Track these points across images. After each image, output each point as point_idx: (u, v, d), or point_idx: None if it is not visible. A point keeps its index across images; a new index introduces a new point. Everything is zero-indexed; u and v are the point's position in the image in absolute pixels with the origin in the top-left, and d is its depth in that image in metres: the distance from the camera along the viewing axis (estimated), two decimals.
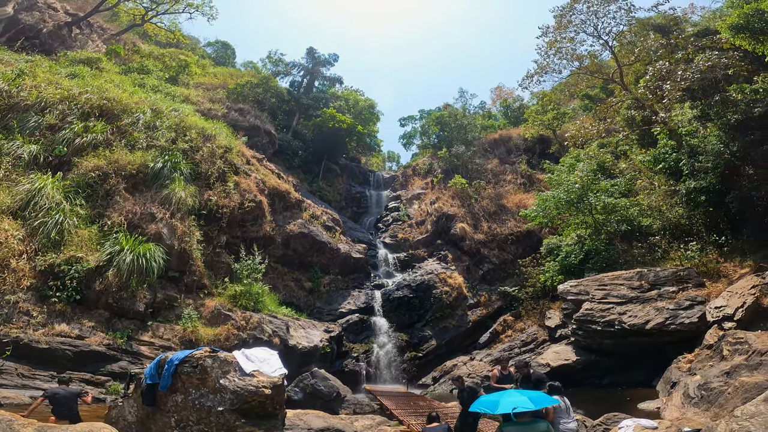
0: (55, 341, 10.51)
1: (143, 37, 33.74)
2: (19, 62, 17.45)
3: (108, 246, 12.54)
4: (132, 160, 15.14)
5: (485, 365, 17.94)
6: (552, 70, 25.41)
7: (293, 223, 20.84)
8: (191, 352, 9.42)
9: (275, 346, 13.98)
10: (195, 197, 16.25)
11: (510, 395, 6.48)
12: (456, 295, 21.00)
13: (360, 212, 30.84)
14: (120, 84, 20.09)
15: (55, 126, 14.85)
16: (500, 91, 51.44)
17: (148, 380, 9.05)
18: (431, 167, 31.83)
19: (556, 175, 21.32)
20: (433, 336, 20.09)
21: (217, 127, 20.61)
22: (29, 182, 12.19)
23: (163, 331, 12.93)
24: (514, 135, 33.22)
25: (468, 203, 25.17)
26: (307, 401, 12.84)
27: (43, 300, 10.89)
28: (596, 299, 14.57)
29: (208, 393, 8.77)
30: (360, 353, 18.94)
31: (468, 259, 23.17)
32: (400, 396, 15.06)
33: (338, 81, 38.11)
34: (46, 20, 24.92)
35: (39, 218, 11.60)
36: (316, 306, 20.54)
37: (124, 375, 10.68)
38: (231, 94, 29.10)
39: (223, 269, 17.23)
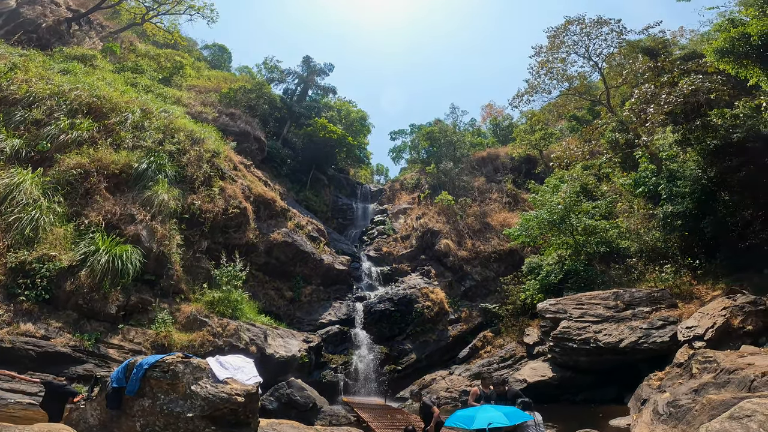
0: (19, 341, 10.19)
1: (141, 36, 33.71)
2: (13, 56, 17.30)
3: (83, 246, 12.27)
4: (116, 159, 14.97)
5: (464, 380, 17.90)
6: (542, 90, 26.11)
7: (277, 232, 20.72)
8: (163, 357, 9.23)
9: (252, 354, 13.76)
10: (178, 200, 16.06)
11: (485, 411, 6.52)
12: (437, 310, 21.04)
13: (346, 224, 30.86)
14: (112, 82, 19.97)
15: (41, 121, 14.64)
16: (491, 108, 52.57)
17: (115, 384, 8.82)
18: (419, 182, 32.14)
19: (540, 195, 21.71)
20: (413, 350, 20.02)
21: (206, 130, 20.55)
22: (8, 176, 11.95)
23: (134, 335, 12.59)
24: (502, 153, 33.83)
25: (453, 220, 25.43)
26: (282, 411, 12.65)
27: (10, 298, 10.58)
28: (574, 318, 14.77)
29: (177, 399, 8.60)
30: (339, 364, 18.75)
31: (451, 275, 23.31)
32: (378, 409, 14.91)
33: (332, 91, 38.50)
34: (47, 15, 24.76)
35: (15, 214, 11.35)
36: (297, 316, 20.31)
37: (89, 378, 10.31)
38: (224, 98, 29.11)
39: (202, 275, 16.94)
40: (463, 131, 39.92)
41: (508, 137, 38.03)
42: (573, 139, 25.45)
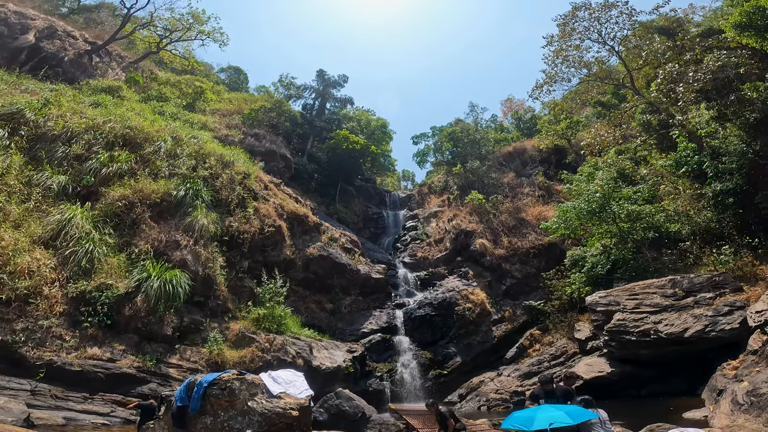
0: (87, 364, 10.67)
1: (159, 64, 35.07)
2: (44, 91, 18.02)
3: (136, 273, 12.79)
4: (156, 188, 15.49)
5: (514, 380, 17.41)
6: (561, 78, 25.49)
7: (313, 247, 20.94)
8: (219, 375, 9.48)
9: (299, 367, 13.97)
10: (217, 224, 16.49)
11: (545, 410, 6.23)
12: (479, 312, 20.62)
13: (378, 233, 30.88)
14: (141, 112, 20.69)
15: (82, 156, 15.26)
16: (510, 103, 51.57)
17: (179, 402, 9.15)
18: (447, 184, 31.79)
19: (575, 185, 21.01)
20: (458, 353, 19.68)
21: (234, 153, 21.07)
22: (59, 213, 12.53)
23: (191, 354, 13.01)
24: (529, 147, 33.05)
25: (486, 219, 24.96)
26: (332, 422, 12.72)
27: (75, 325, 11.10)
28: (628, 309, 14.10)
29: (236, 415, 8.82)
30: (384, 372, 18.68)
31: (489, 274, 22.83)
32: (427, 414, 14.71)
33: (349, 102, 38.83)
34: (66, 48, 25.71)
35: (70, 247, 11.89)
36: (338, 327, 20.40)
37: (154, 397, 10.72)
38: (246, 119, 29.80)
39: (246, 293, 17.32)
40: (485, 128, 39.38)
41: (532, 130, 37.15)
42: (602, 125, 24.68)
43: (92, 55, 27.23)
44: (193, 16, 30.97)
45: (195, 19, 31.11)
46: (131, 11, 28.95)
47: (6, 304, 10.11)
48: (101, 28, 33.28)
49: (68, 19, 31.48)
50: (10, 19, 24.09)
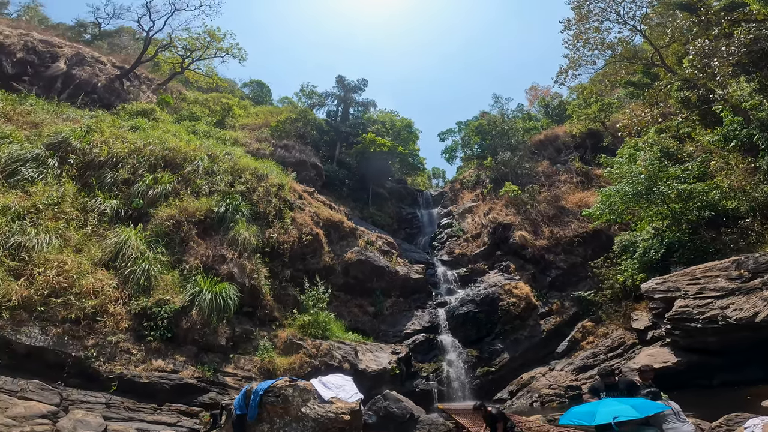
0: (154, 376, 11.18)
1: (186, 84, 36.32)
2: (84, 118, 18.79)
3: (189, 288, 13.31)
4: (198, 206, 16.00)
5: (567, 375, 16.80)
6: (585, 62, 24.65)
7: (350, 251, 21.08)
8: (273, 382, 9.72)
9: (346, 371, 14.12)
10: (257, 236, 16.88)
11: (607, 404, 5.94)
12: (524, 306, 20.06)
13: (413, 233, 30.72)
14: (176, 133, 21.44)
15: (129, 180, 15.94)
16: (535, 90, 50.29)
17: (238, 411, 9.46)
18: (479, 178, 31.25)
19: (616, 168, 20.11)
20: (505, 349, 19.21)
21: (267, 166, 21.51)
22: (115, 235, 13.19)
23: (244, 363, 13.38)
24: (561, 133, 31.99)
25: (524, 210, 24.30)
26: (381, 424, 12.78)
27: (140, 339, 11.67)
28: (690, 295, 13.29)
29: (291, 421, 9.00)
30: (430, 372, 18.53)
31: (532, 267, 22.19)
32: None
33: (372, 105, 38.92)
34: (97, 74, 26.49)
35: (128, 267, 12.52)
36: (382, 329, 20.42)
37: (214, 405, 11.17)
38: (274, 131, 30.42)
39: (290, 301, 17.67)
40: (512, 118, 38.50)
41: (562, 116, 35.99)
42: (637, 105, 23.64)
43: (122, 79, 28.17)
44: (209, 35, 31.93)
45: (212, 37, 32.04)
46: (151, 34, 29.95)
47: (76, 322, 10.73)
48: (126, 52, 34.74)
49: (93, 45, 32.85)
50: (38, 47, 24.87)
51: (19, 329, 9.85)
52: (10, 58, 23.00)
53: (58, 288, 10.74)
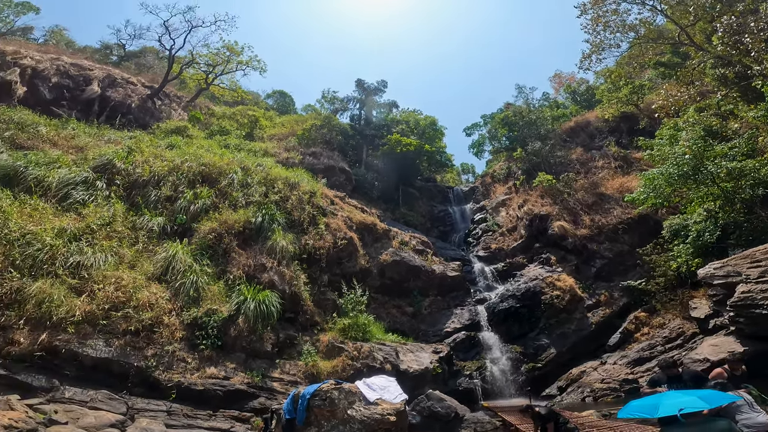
0: (208, 383, 11.53)
1: (212, 99, 37.43)
2: (124, 139, 19.67)
3: (234, 297, 13.69)
4: (237, 218, 16.43)
5: (622, 368, 16.06)
6: (608, 45, 23.91)
7: (385, 253, 21.09)
8: (319, 386, 9.82)
9: (387, 372, 14.10)
10: (294, 243, 17.19)
11: (670, 396, 5.63)
12: (569, 298, 19.38)
13: (446, 230, 30.38)
14: (209, 148, 22.16)
15: (171, 197, 16.63)
16: (559, 77, 48.87)
17: (287, 415, 9.62)
18: (510, 170, 30.60)
19: (657, 150, 19.16)
20: (551, 344, 18.62)
21: (297, 174, 21.89)
22: (164, 251, 13.78)
23: (289, 368, 13.60)
24: (592, 118, 30.88)
25: (560, 199, 23.53)
26: (425, 424, 12.65)
27: (193, 348, 12.09)
28: (752, 279, 12.42)
29: (338, 424, 9.08)
30: (473, 370, 18.22)
31: (574, 257, 21.40)
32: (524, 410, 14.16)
33: (394, 105, 38.82)
34: (130, 95, 27.32)
35: (178, 280, 13.05)
36: (421, 329, 20.28)
37: (264, 410, 11.36)
38: (301, 139, 30.92)
39: (329, 306, 17.86)
40: (539, 107, 37.55)
41: (591, 101, 34.90)
42: (671, 85, 22.64)
43: (153, 98, 29.17)
44: (228, 49, 32.87)
45: (231, 51, 32.96)
46: (173, 52, 31.11)
47: (136, 334, 11.25)
48: (152, 71, 36.04)
49: (121, 66, 34.16)
50: (71, 71, 25.61)
51: (85, 342, 10.41)
52: (46, 83, 23.87)
53: (117, 302, 11.29)
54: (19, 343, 9.54)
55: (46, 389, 9.60)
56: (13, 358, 9.46)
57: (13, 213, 11.52)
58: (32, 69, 23.36)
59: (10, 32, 34.14)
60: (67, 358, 10.10)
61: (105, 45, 39.04)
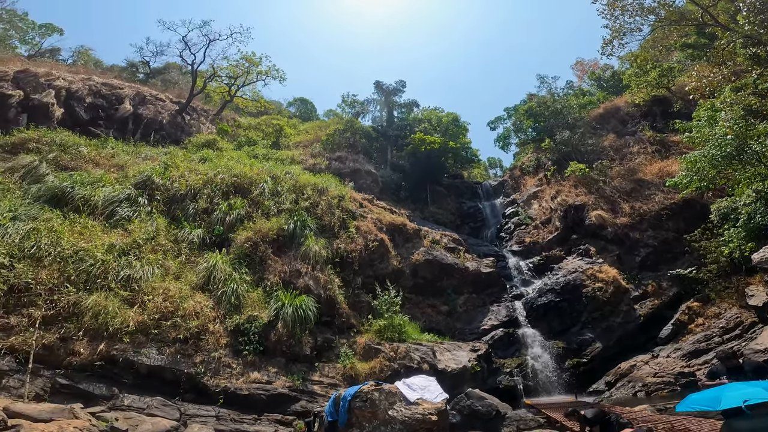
0: (252, 387, 11.78)
1: (237, 111, 38.31)
2: (159, 155, 20.40)
3: (272, 303, 13.95)
4: (270, 226, 16.76)
5: (676, 361, 15.29)
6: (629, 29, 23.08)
7: (417, 253, 20.98)
8: (360, 388, 9.84)
9: (425, 371, 13.97)
10: (326, 248, 17.33)
11: (734, 388, 5.33)
12: (613, 290, 18.64)
13: (477, 226, 29.99)
14: (239, 159, 22.69)
15: (208, 209, 17.12)
16: (582, 65, 47.58)
17: (329, 417, 9.69)
18: (539, 162, 29.90)
19: (696, 132, 18.32)
20: (596, 338, 17.95)
21: (325, 179, 22.11)
22: (205, 261, 14.23)
23: (328, 370, 13.71)
24: (621, 104, 29.85)
25: (596, 188, 22.73)
26: (466, 423, 12.47)
27: (237, 354, 12.40)
28: None
29: (379, 425, 9.07)
30: (513, 368, 17.84)
31: (616, 247, 20.58)
32: (570, 406, 13.69)
33: (414, 105, 38.72)
34: (160, 111, 28.02)
35: (220, 289, 13.44)
36: (457, 327, 20.03)
37: (305, 413, 11.50)
38: (326, 145, 31.28)
39: (364, 308, 17.91)
40: (564, 96, 36.59)
41: (618, 87, 33.85)
42: (702, 67, 21.68)
43: (182, 114, 29.99)
44: (246, 60, 33.61)
45: (249, 62, 33.69)
46: (195, 67, 32.03)
47: (184, 342, 11.65)
48: (177, 87, 37.13)
49: (149, 84, 35.30)
50: (102, 90, 26.30)
51: (140, 351, 10.87)
52: (81, 104, 24.60)
53: (166, 312, 11.73)
54: (80, 353, 10.06)
55: (107, 397, 10.07)
56: (74, 368, 9.98)
57: (64, 232, 12.18)
58: (66, 90, 24.18)
59: (39, 54, 35.90)
60: (124, 366, 10.57)
61: (130, 63, 40.53)
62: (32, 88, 22.15)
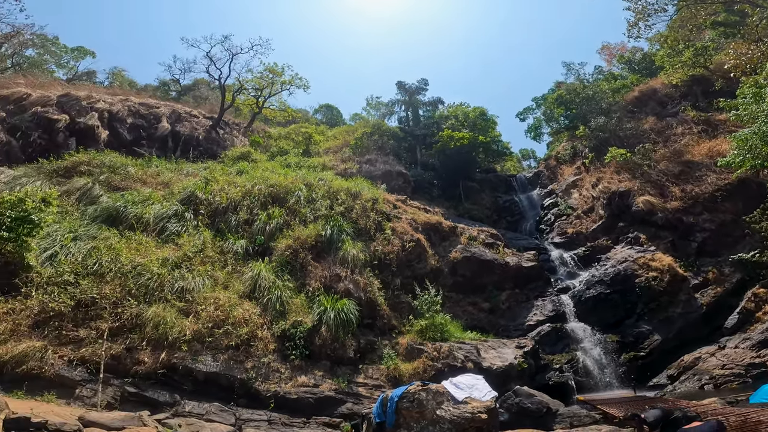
0: (300, 391, 12.00)
1: (266, 122, 39.17)
2: (200, 171, 21.20)
3: (315, 307, 14.19)
4: (308, 233, 17.08)
5: (746, 352, 14.25)
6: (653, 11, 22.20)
7: (454, 251, 20.72)
8: (406, 388, 9.79)
9: (470, 370, 13.78)
10: (364, 251, 17.46)
11: None
12: (669, 279, 17.60)
13: (515, 220, 29.32)
14: (273, 169, 23.27)
15: (248, 220, 17.65)
16: (609, 49, 45.91)
17: (377, 419, 9.68)
18: (575, 150, 28.89)
19: (743, 109, 17.20)
20: (654, 330, 17.00)
21: (357, 183, 22.27)
22: (249, 270, 14.69)
23: (372, 372, 13.75)
24: (657, 86, 28.67)
25: (640, 172, 21.62)
26: (515, 421, 12.17)
27: (284, 359, 12.69)
28: None
29: (427, 425, 9.02)
30: (563, 363, 17.15)
31: (668, 233, 19.44)
32: (629, 401, 13.03)
33: (439, 102, 38.45)
34: (195, 127, 28.92)
35: (265, 296, 13.82)
36: (501, 324, 19.58)
37: (351, 415, 11.59)
38: (355, 149, 31.52)
39: (405, 308, 17.86)
40: (594, 82, 35.35)
41: (651, 69, 32.48)
42: (738, 44, 20.61)
43: (215, 128, 30.96)
44: (270, 71, 34.38)
45: (272, 73, 34.44)
46: (222, 81, 33.09)
47: (236, 348, 12.04)
48: (208, 102, 38.32)
49: (182, 101, 36.47)
50: (141, 111, 27.34)
51: (197, 358, 11.33)
52: (123, 125, 25.68)
53: (217, 320, 12.19)
54: (144, 362, 10.61)
55: (170, 404, 10.53)
56: (140, 377, 10.54)
57: (122, 248, 12.94)
58: (108, 112, 25.24)
59: (76, 77, 37.74)
60: (184, 373, 11.03)
61: (162, 82, 42.33)
62: (76, 112, 23.26)
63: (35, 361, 9.58)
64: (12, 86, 23.18)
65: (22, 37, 30.81)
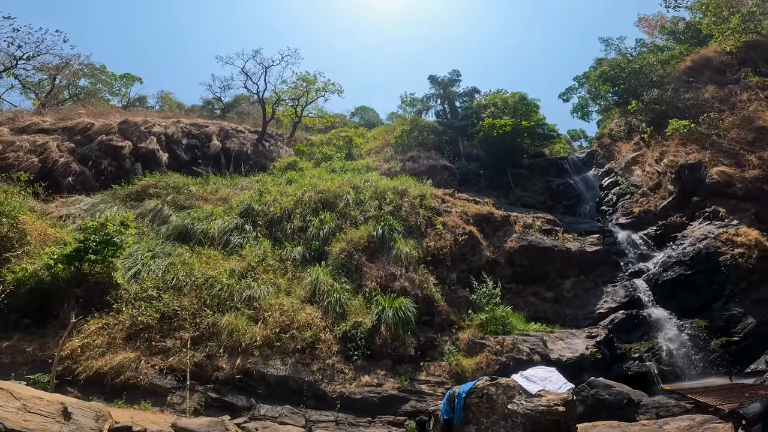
0: (364, 391, 12.11)
1: (306, 130, 40.13)
2: (252, 184, 22.21)
3: (373, 308, 14.34)
4: (360, 235, 17.31)
5: None
6: None
7: (509, 240, 20.04)
8: (474, 383, 9.52)
9: (536, 363, 13.26)
10: (416, 248, 17.44)
11: None
12: (758, 255, 15.86)
13: (571, 204, 27.88)
14: (320, 176, 23.92)
15: (302, 227, 18.26)
16: (647, 21, 42.70)
17: (445, 416, 9.53)
18: (630, 125, 27.10)
19: None
20: (747, 313, 15.37)
21: (403, 181, 22.28)
22: (308, 275, 15.18)
23: (434, 369, 13.61)
24: (711, 54, 26.49)
25: (709, 142, 19.77)
26: (591, 413, 11.54)
27: (348, 359, 12.91)
28: None
29: (498, 420, 8.70)
30: (642, 352, 15.93)
31: (750, 205, 17.56)
32: (724, 390, 12.10)
33: (475, 92, 37.56)
34: (243, 142, 30.07)
35: (325, 299, 14.19)
36: (567, 313, 18.58)
37: (415, 413, 11.53)
38: (396, 147, 31.56)
39: (462, 303, 17.53)
40: (639, 55, 33.12)
41: (699, 38, 30.13)
42: None
43: (261, 141, 32.15)
44: (303, 80, 35.15)
45: (306, 82, 35.20)
46: (260, 95, 34.21)
47: (302, 352, 12.44)
48: (251, 117, 39.74)
49: (227, 118, 38.03)
50: (192, 131, 28.53)
51: (268, 363, 11.83)
52: (180, 146, 27.14)
53: (283, 325, 12.67)
54: (222, 368, 11.26)
55: (247, 408, 11.05)
56: (220, 382, 11.18)
57: (195, 263, 13.87)
58: (164, 135, 26.78)
59: (130, 104, 39.93)
60: (258, 378, 11.55)
61: (206, 101, 44.49)
62: (136, 137, 24.93)
63: (131, 371, 10.47)
64: (75, 117, 25.01)
65: (72, 67, 32.16)
